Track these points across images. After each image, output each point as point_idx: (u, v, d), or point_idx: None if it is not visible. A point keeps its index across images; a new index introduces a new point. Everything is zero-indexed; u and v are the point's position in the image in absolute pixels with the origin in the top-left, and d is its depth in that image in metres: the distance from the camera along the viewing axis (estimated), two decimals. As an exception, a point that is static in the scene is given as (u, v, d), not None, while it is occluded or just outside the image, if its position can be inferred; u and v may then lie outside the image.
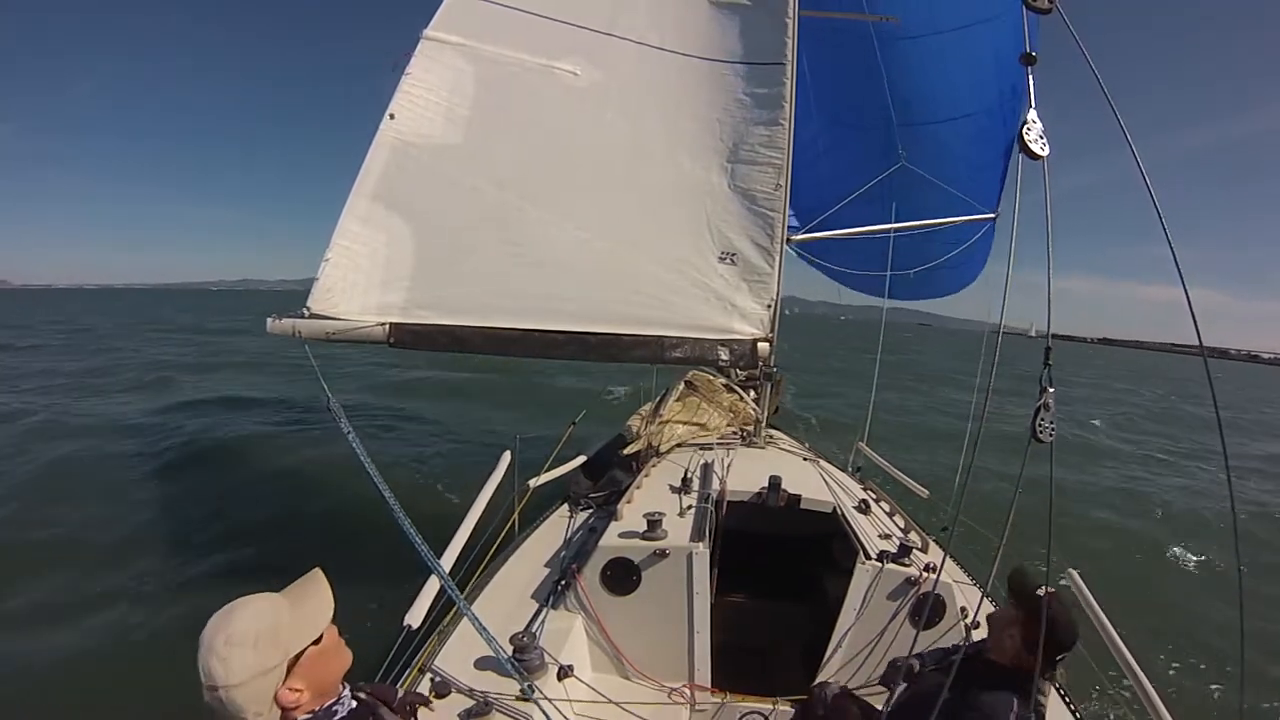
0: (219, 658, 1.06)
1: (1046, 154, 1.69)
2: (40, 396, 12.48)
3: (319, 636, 1.20)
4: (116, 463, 8.41)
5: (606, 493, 3.84)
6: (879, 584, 2.75)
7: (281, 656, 1.12)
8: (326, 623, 1.22)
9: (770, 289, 3.73)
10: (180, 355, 21.76)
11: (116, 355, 21.04)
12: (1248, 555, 8.12)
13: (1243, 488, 11.17)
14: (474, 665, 2.34)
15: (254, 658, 1.08)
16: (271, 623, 1.13)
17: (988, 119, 5.85)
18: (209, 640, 1.08)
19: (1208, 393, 1.57)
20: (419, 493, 7.31)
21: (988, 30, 5.35)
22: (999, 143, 5.89)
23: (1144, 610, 6.21)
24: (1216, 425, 1.79)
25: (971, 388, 5.30)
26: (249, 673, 1.07)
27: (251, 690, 1.08)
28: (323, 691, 1.22)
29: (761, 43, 3.62)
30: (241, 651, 1.07)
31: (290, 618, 1.16)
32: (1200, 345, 1.65)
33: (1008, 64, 5.52)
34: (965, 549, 3.40)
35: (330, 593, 1.26)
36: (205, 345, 25.58)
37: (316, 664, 1.19)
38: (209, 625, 1.11)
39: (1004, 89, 5.67)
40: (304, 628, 1.18)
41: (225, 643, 1.07)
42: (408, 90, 3.06)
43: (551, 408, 11.86)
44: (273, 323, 2.77)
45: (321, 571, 1.29)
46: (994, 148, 5.90)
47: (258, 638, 1.09)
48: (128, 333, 31.54)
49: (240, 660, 1.07)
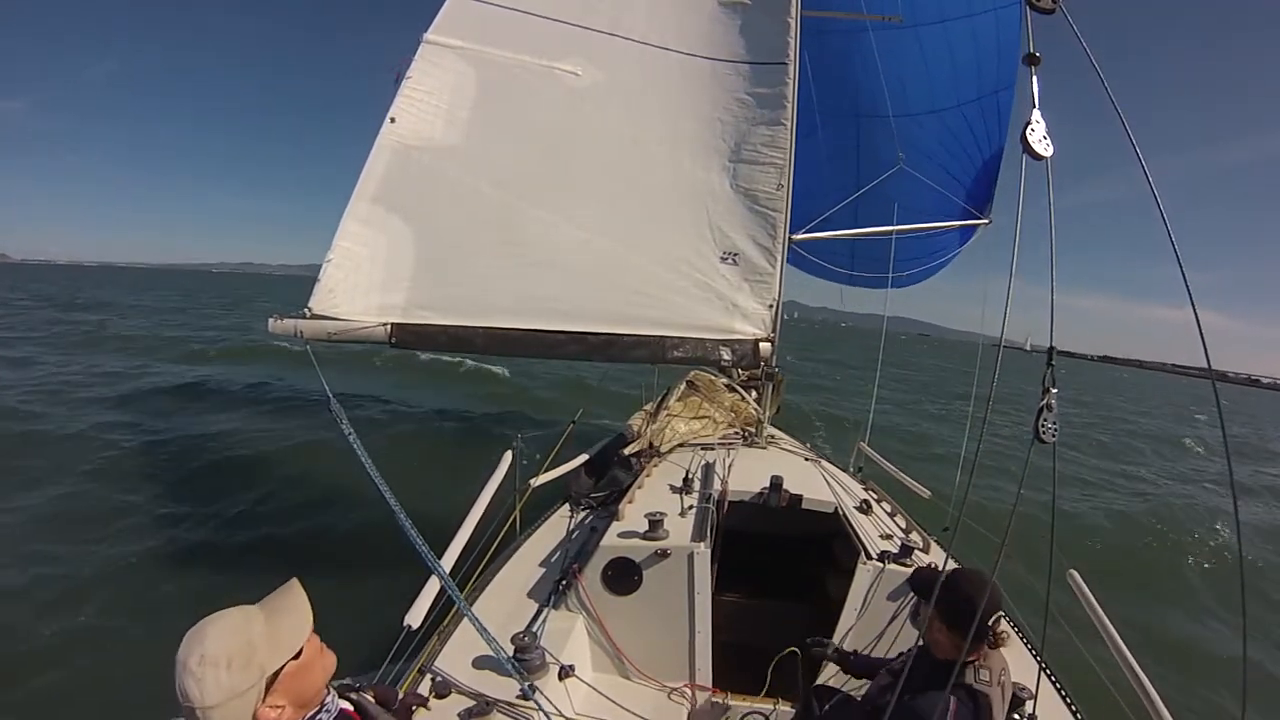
0: (194, 678, 1.03)
1: (1050, 155, 1.68)
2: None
3: (298, 651, 1.16)
4: (107, 446, 8.48)
5: (607, 492, 3.84)
6: (880, 584, 2.75)
7: (258, 675, 1.08)
8: (304, 639, 1.17)
9: (772, 289, 3.73)
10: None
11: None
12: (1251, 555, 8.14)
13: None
14: (474, 665, 2.34)
15: (228, 679, 1.04)
16: (245, 640, 1.08)
17: (961, 115, 5.89)
18: (183, 659, 1.04)
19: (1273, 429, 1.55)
20: (419, 493, 7.29)
21: (963, 26, 5.41)
22: (979, 142, 5.93)
23: (1144, 610, 6.22)
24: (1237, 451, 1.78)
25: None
26: (224, 694, 1.03)
27: (228, 711, 1.04)
28: (305, 704, 1.18)
29: (763, 42, 3.62)
30: (215, 672, 1.03)
31: (266, 635, 1.11)
32: (1209, 368, 1.64)
33: (987, 61, 5.57)
34: (967, 549, 3.40)
35: (308, 605, 1.21)
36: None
37: (297, 679, 1.15)
38: (184, 643, 1.07)
39: (983, 87, 5.71)
40: (280, 645, 1.13)
41: (199, 663, 1.03)
42: (408, 94, 3.07)
43: (551, 406, 11.88)
44: (274, 322, 2.78)
45: (299, 583, 1.24)
46: (974, 147, 5.94)
47: (231, 658, 1.05)
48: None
49: (214, 681, 1.03)
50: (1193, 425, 26.36)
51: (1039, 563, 2.02)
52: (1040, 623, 2.00)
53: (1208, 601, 6.82)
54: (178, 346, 18.88)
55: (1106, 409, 30.15)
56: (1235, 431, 25.55)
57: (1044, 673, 2.30)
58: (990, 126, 5.94)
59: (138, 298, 44.65)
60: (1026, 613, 3.11)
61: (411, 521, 2.24)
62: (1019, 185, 1.65)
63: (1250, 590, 7.09)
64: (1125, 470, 13.86)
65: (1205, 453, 18.28)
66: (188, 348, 18.68)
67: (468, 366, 16.24)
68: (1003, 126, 5.92)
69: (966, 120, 5.97)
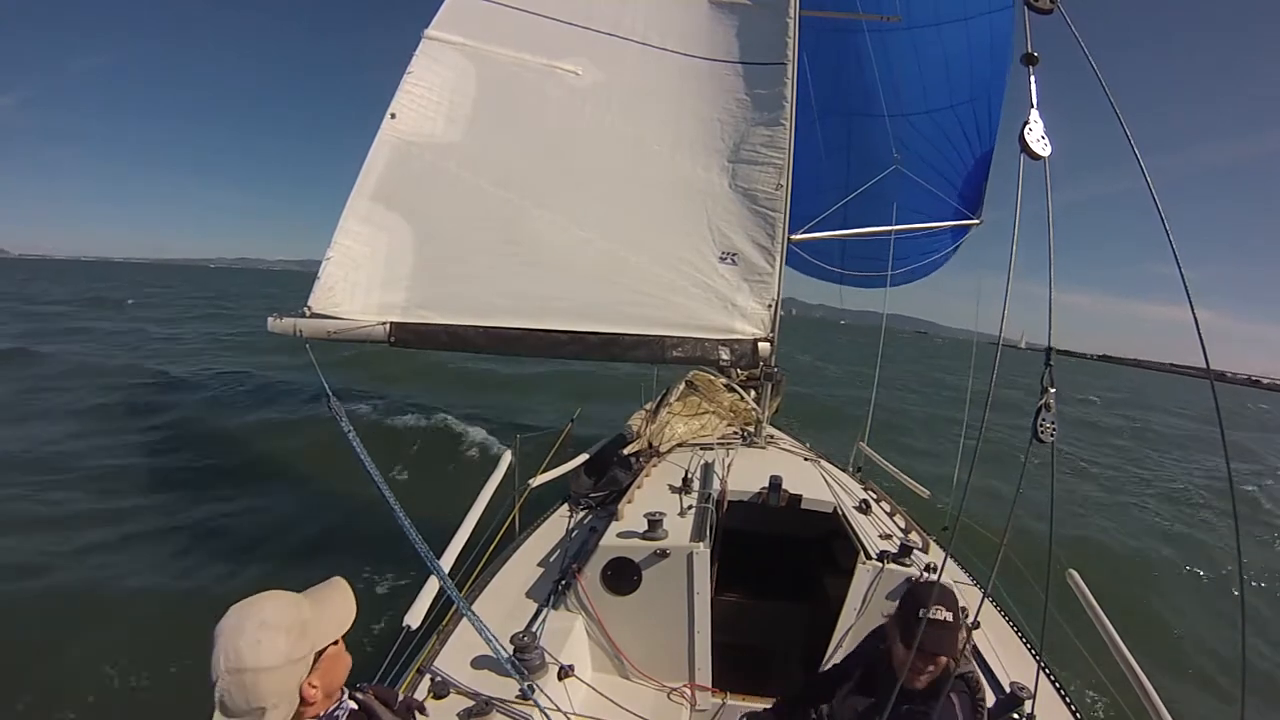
0: (251, 639, 1.06)
1: (1048, 154, 1.68)
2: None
3: (339, 639, 1.22)
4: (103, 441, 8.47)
5: (607, 492, 3.83)
6: (879, 584, 2.75)
7: (309, 648, 1.14)
8: (348, 625, 1.23)
9: (771, 289, 3.73)
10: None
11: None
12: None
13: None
14: (473, 665, 2.33)
15: (286, 645, 1.09)
16: (299, 615, 1.14)
17: (954, 115, 5.90)
18: (236, 624, 1.08)
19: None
20: (419, 493, 7.29)
21: (958, 28, 5.42)
22: (970, 143, 5.94)
23: (1144, 610, 6.23)
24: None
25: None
26: (281, 657, 1.08)
27: (280, 676, 1.08)
28: (331, 693, 1.23)
29: (763, 43, 3.62)
30: (275, 635, 1.08)
31: (316, 614, 1.18)
32: (1208, 368, 1.64)
33: (980, 62, 5.59)
34: (966, 549, 3.40)
35: (354, 600, 1.28)
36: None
37: (334, 663, 1.21)
38: (232, 613, 1.11)
39: (976, 88, 5.73)
40: (330, 625, 1.20)
41: (259, 625, 1.08)
42: (409, 89, 3.06)
43: (550, 406, 11.87)
44: (274, 321, 2.77)
45: (344, 580, 1.31)
46: (965, 148, 5.95)
47: (290, 627, 1.11)
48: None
49: (273, 644, 1.07)
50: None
51: (1038, 562, 2.02)
52: (1039, 623, 2.00)
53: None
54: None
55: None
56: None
57: (1043, 672, 2.30)
58: (982, 127, 5.96)
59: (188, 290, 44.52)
60: (1026, 613, 3.12)
61: (411, 521, 2.24)
62: (1017, 184, 1.65)
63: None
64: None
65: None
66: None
67: (468, 366, 16.23)
68: (993, 127, 5.94)
69: (959, 121, 5.98)
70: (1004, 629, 3.03)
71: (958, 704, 1.79)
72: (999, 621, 3.07)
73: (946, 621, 1.72)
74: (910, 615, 1.77)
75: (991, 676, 2.53)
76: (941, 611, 1.72)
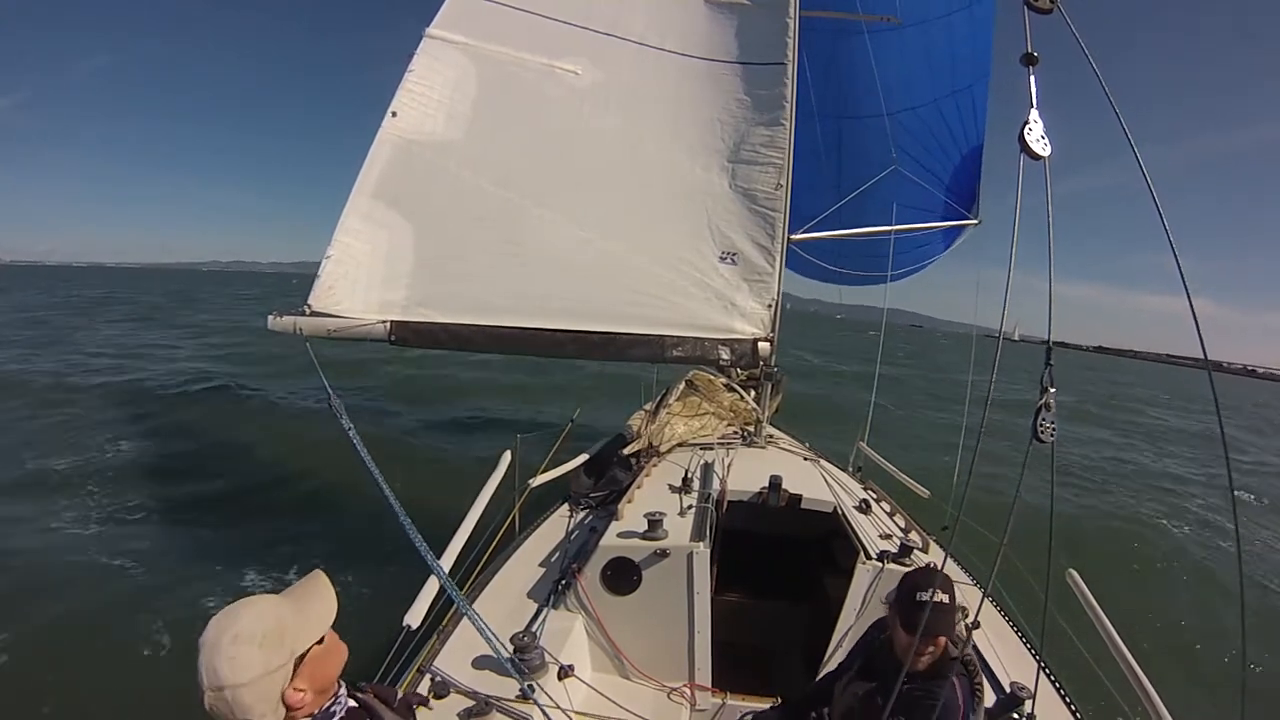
0: (225, 656, 1.05)
1: (1048, 154, 1.68)
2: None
3: (322, 636, 1.20)
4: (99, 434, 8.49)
5: (606, 492, 3.83)
6: (879, 584, 2.74)
7: (288, 655, 1.12)
8: (330, 622, 1.22)
9: (771, 288, 3.73)
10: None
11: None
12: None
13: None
14: (474, 665, 2.33)
15: (260, 655, 1.07)
16: (276, 621, 1.12)
17: (938, 110, 5.89)
18: (214, 640, 1.07)
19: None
20: (419, 492, 7.28)
21: (941, 24, 5.43)
22: (957, 139, 5.92)
23: (1144, 610, 6.22)
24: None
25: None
26: (256, 671, 1.06)
27: (259, 689, 1.06)
28: (324, 690, 1.21)
29: (762, 43, 3.62)
30: (248, 649, 1.06)
31: (294, 617, 1.15)
32: (1205, 359, 1.64)
33: (961, 56, 5.60)
34: (966, 549, 3.40)
35: (333, 593, 1.25)
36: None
37: (320, 663, 1.19)
38: (211, 626, 1.09)
39: (958, 81, 5.73)
40: (309, 627, 1.17)
41: (232, 640, 1.06)
42: (410, 88, 3.06)
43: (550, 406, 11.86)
44: (274, 319, 2.77)
45: (323, 573, 1.29)
46: (952, 144, 5.94)
47: (264, 636, 1.09)
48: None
49: (247, 658, 1.06)
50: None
51: (1038, 562, 2.02)
52: (1039, 623, 2.00)
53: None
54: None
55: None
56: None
57: (1043, 672, 2.30)
58: (967, 122, 5.91)
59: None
60: (1026, 613, 3.11)
61: (411, 521, 2.24)
62: (1017, 182, 1.65)
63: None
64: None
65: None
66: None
67: (468, 366, 16.23)
68: (980, 122, 5.91)
69: (943, 116, 5.94)
70: (1004, 629, 3.02)
71: (958, 686, 1.82)
72: (999, 621, 3.07)
73: (943, 603, 1.80)
74: (909, 599, 1.84)
75: (991, 676, 2.52)
76: (938, 594, 1.80)
